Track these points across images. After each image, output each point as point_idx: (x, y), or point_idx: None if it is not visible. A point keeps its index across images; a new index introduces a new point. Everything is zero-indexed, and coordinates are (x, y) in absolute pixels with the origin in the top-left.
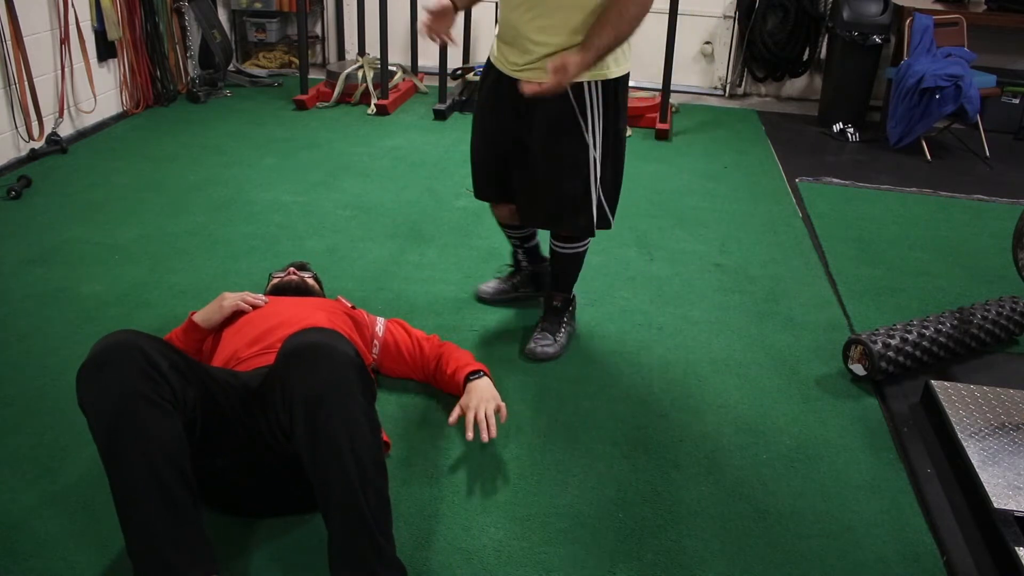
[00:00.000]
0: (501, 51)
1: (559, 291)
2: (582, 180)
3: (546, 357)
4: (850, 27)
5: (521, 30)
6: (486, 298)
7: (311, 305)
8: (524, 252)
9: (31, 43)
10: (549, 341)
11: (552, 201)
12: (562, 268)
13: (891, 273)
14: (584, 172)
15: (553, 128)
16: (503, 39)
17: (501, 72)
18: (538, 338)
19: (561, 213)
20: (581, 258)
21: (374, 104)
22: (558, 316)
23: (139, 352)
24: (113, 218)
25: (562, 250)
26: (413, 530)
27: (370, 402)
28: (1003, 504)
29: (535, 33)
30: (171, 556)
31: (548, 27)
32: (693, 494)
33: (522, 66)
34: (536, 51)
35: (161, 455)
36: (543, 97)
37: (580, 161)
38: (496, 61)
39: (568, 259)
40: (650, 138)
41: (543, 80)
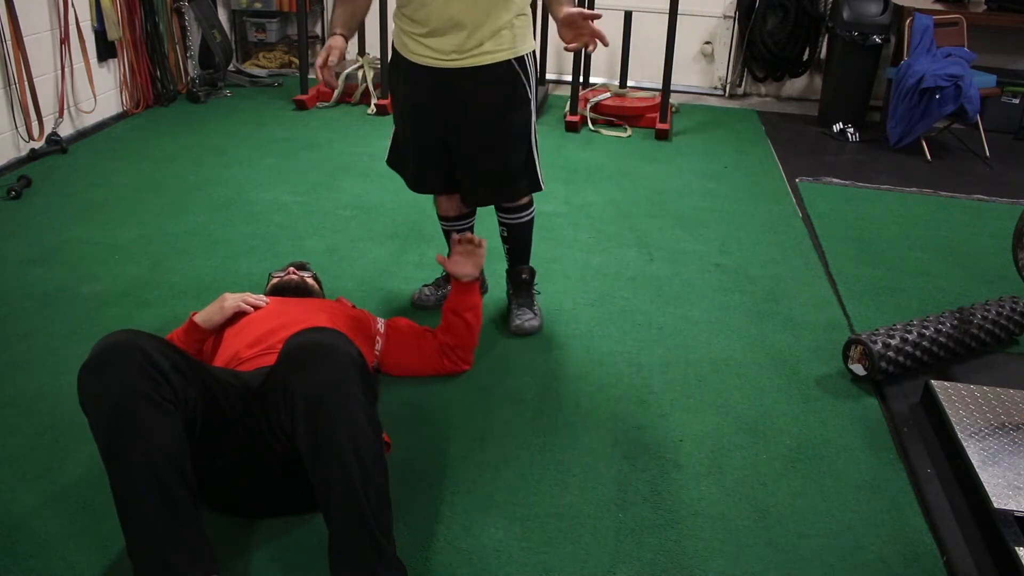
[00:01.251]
0: (426, 44)
1: (522, 263)
2: (527, 145)
3: (533, 330)
4: (850, 27)
5: (462, 20)
6: (429, 304)
7: (313, 306)
8: None
9: (31, 43)
10: (530, 315)
11: (503, 173)
12: (518, 239)
13: (891, 273)
14: (528, 137)
15: (503, 104)
16: (432, 33)
17: (426, 67)
18: (519, 314)
19: (512, 182)
20: (532, 224)
21: (374, 104)
22: (528, 288)
23: (140, 352)
24: (113, 218)
25: (514, 220)
26: (413, 530)
27: (372, 402)
28: (1003, 504)
29: (477, 20)
30: (171, 556)
31: (488, 11)
32: (693, 494)
33: (462, 54)
34: (479, 35)
35: (161, 455)
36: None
37: (527, 127)
38: (417, 57)
39: (522, 228)
40: (650, 138)
41: (481, 63)
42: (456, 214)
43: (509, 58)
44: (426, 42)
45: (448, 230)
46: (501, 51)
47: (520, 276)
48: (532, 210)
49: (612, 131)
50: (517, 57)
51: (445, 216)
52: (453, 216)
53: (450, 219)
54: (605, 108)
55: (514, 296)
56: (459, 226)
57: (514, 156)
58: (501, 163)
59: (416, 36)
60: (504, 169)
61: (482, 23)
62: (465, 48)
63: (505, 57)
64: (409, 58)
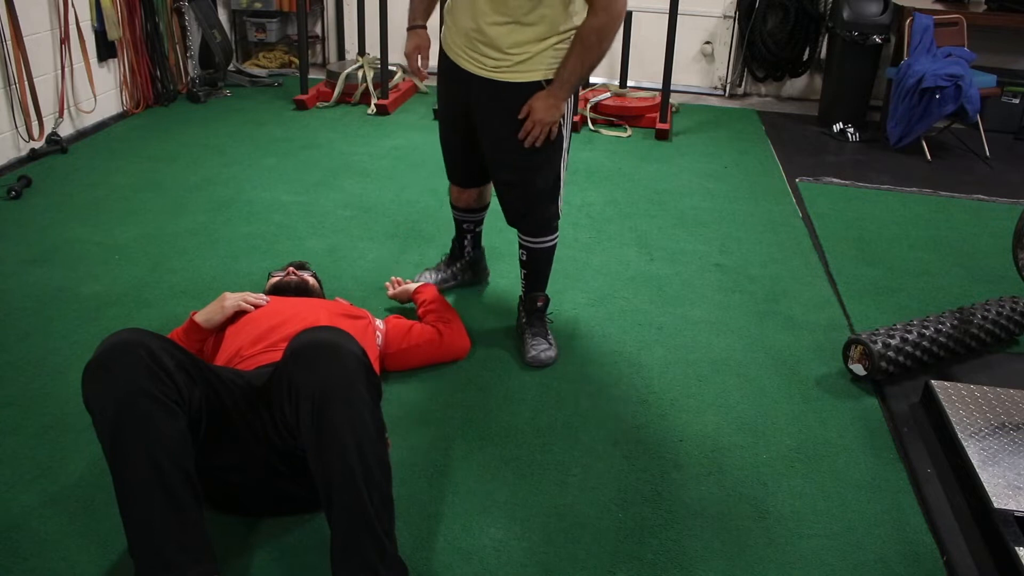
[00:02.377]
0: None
1: (538, 291)
2: (555, 172)
3: (550, 361)
4: (850, 27)
5: (494, 39)
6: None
7: (312, 305)
8: (472, 237)
9: (31, 43)
10: (546, 345)
11: (534, 196)
12: (538, 265)
13: (891, 273)
14: (557, 164)
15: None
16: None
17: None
18: (534, 344)
19: (541, 205)
20: (553, 252)
21: (374, 104)
22: (542, 317)
23: (145, 351)
24: (113, 218)
25: (536, 245)
26: (413, 530)
27: (376, 401)
28: (1003, 504)
29: (509, 47)
30: (172, 555)
31: (520, 40)
32: (693, 494)
33: (493, 68)
34: (512, 58)
35: (165, 454)
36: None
37: (556, 153)
38: (455, 55)
39: (543, 254)
40: (650, 138)
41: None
42: (465, 207)
43: (541, 79)
44: (464, 44)
45: (457, 218)
46: (535, 71)
47: (535, 304)
48: (556, 236)
49: (612, 131)
50: (548, 80)
51: (456, 206)
52: (462, 208)
53: (459, 210)
54: (605, 108)
55: (528, 325)
56: (468, 218)
57: (541, 179)
58: (528, 184)
59: (457, 34)
60: (532, 191)
61: (514, 50)
62: (496, 64)
63: (538, 78)
64: (448, 53)
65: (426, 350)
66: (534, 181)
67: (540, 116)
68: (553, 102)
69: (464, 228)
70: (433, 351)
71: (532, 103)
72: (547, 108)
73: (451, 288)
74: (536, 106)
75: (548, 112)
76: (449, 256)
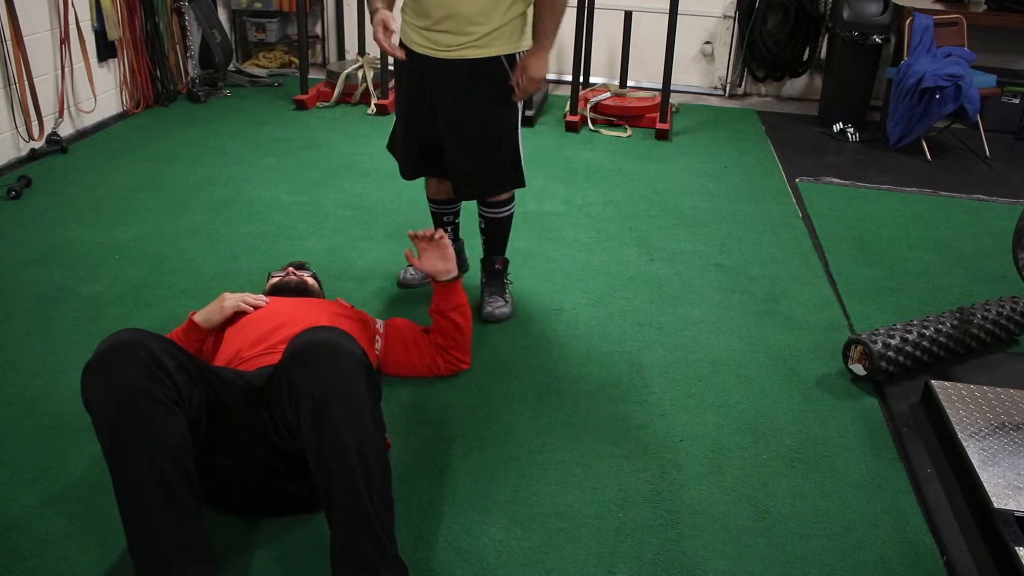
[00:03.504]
0: (426, 36)
1: (497, 254)
2: (513, 142)
3: (504, 317)
4: (850, 27)
5: (462, 14)
6: (414, 284)
7: (313, 305)
8: (452, 230)
9: (31, 43)
10: (501, 303)
11: (490, 167)
12: (497, 233)
13: (891, 273)
14: (514, 134)
15: (491, 99)
16: (433, 26)
17: (425, 56)
18: (490, 301)
19: (500, 176)
20: (511, 219)
21: (374, 104)
22: (501, 278)
23: (145, 351)
24: (113, 218)
25: (495, 215)
26: (413, 530)
27: (376, 401)
28: (1003, 504)
29: (476, 16)
30: (172, 555)
31: (487, 9)
32: (693, 494)
33: (457, 46)
34: (476, 31)
35: (165, 454)
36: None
37: (512, 125)
38: (417, 46)
39: (502, 223)
40: (650, 138)
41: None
42: (445, 198)
43: (500, 55)
44: (426, 34)
45: (436, 212)
46: (494, 47)
47: (494, 266)
48: (512, 206)
49: (612, 131)
50: (508, 55)
51: (434, 199)
52: (442, 200)
53: (439, 202)
54: (605, 108)
55: (486, 284)
56: (446, 210)
57: (499, 151)
58: (485, 157)
59: (418, 28)
60: (488, 163)
61: (482, 19)
62: (461, 41)
63: (496, 53)
64: (411, 47)
65: (422, 372)
66: (498, 154)
67: (534, 73)
68: (543, 55)
69: (444, 221)
70: (428, 373)
71: (525, 62)
72: (538, 64)
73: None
74: (529, 64)
75: (540, 68)
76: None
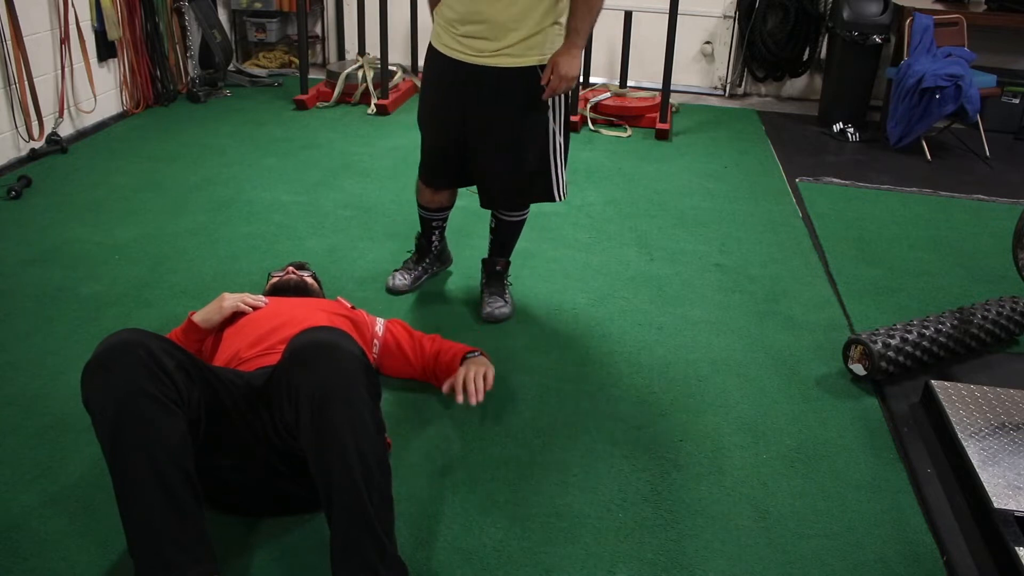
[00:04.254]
0: (460, 41)
1: (502, 256)
2: (542, 152)
3: (504, 317)
4: (850, 27)
5: (495, 20)
6: (405, 290)
7: (312, 306)
8: (439, 232)
9: (31, 43)
10: (501, 303)
11: (516, 178)
12: (508, 236)
13: (891, 273)
14: (544, 145)
15: (521, 107)
16: (467, 32)
17: (457, 60)
18: (490, 302)
19: (526, 187)
20: (524, 224)
21: (374, 104)
22: (502, 279)
23: (145, 351)
24: (113, 218)
25: (510, 218)
26: (413, 530)
27: (375, 401)
28: (1003, 504)
29: (510, 22)
30: (172, 555)
31: (522, 16)
32: (693, 494)
33: (490, 53)
34: (511, 37)
35: (165, 454)
36: (509, 81)
37: (541, 134)
38: (450, 51)
39: (515, 226)
40: (650, 138)
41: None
42: (437, 206)
43: (535, 64)
44: (461, 39)
45: (426, 218)
46: (529, 55)
47: (495, 267)
48: (527, 210)
49: (612, 131)
50: (543, 65)
51: (426, 207)
52: (434, 208)
53: (430, 210)
54: (605, 108)
55: (487, 285)
56: (436, 216)
57: (527, 161)
58: (513, 166)
59: (452, 30)
60: (515, 173)
61: (515, 25)
62: (492, 48)
63: (531, 63)
64: (441, 50)
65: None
66: (526, 163)
67: (564, 71)
68: (575, 53)
69: (433, 226)
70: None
71: (555, 59)
72: (570, 62)
73: (424, 283)
74: (560, 61)
75: (571, 66)
76: (416, 254)
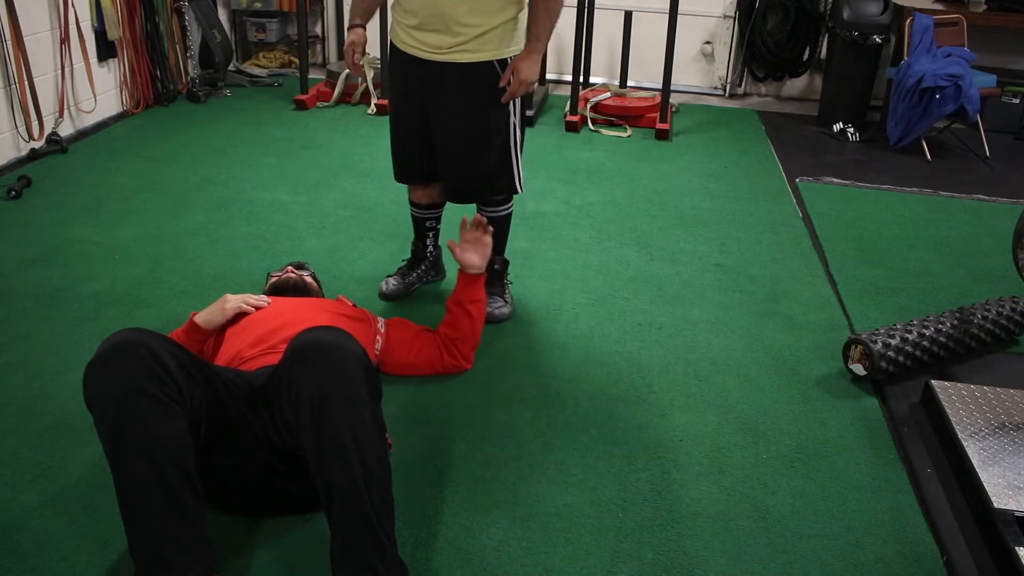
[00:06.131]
0: (415, 37)
1: (497, 254)
2: (503, 146)
3: (504, 318)
4: (850, 27)
5: (449, 14)
6: (397, 296)
7: (313, 305)
8: (433, 235)
9: (31, 43)
10: (501, 303)
11: (480, 172)
12: (497, 232)
13: (891, 273)
14: (505, 138)
15: (481, 103)
16: (420, 26)
17: (416, 57)
18: (490, 302)
19: (490, 181)
20: (510, 219)
21: (374, 104)
22: (501, 279)
23: (147, 350)
24: (113, 218)
25: (491, 214)
26: (413, 530)
27: (376, 401)
28: (1003, 504)
29: (464, 16)
30: (172, 555)
31: (476, 10)
32: (693, 494)
33: (447, 49)
34: (466, 32)
35: (166, 454)
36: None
37: (502, 129)
38: (407, 47)
39: (500, 222)
40: (650, 138)
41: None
42: (428, 203)
43: (492, 59)
44: (415, 34)
45: (418, 217)
46: (485, 51)
47: (493, 266)
48: (510, 205)
49: (612, 131)
50: (500, 59)
51: (417, 204)
52: (425, 204)
53: (421, 207)
54: (605, 108)
55: (487, 285)
56: (429, 215)
57: (489, 156)
58: (475, 161)
59: (407, 27)
60: (478, 168)
61: (467, 22)
62: (450, 44)
63: (488, 58)
64: (400, 47)
65: (423, 369)
66: (488, 157)
67: (525, 76)
68: (535, 58)
69: (427, 227)
70: (430, 371)
71: (516, 64)
72: (530, 67)
73: (416, 290)
74: (520, 67)
75: (531, 71)
76: (411, 260)
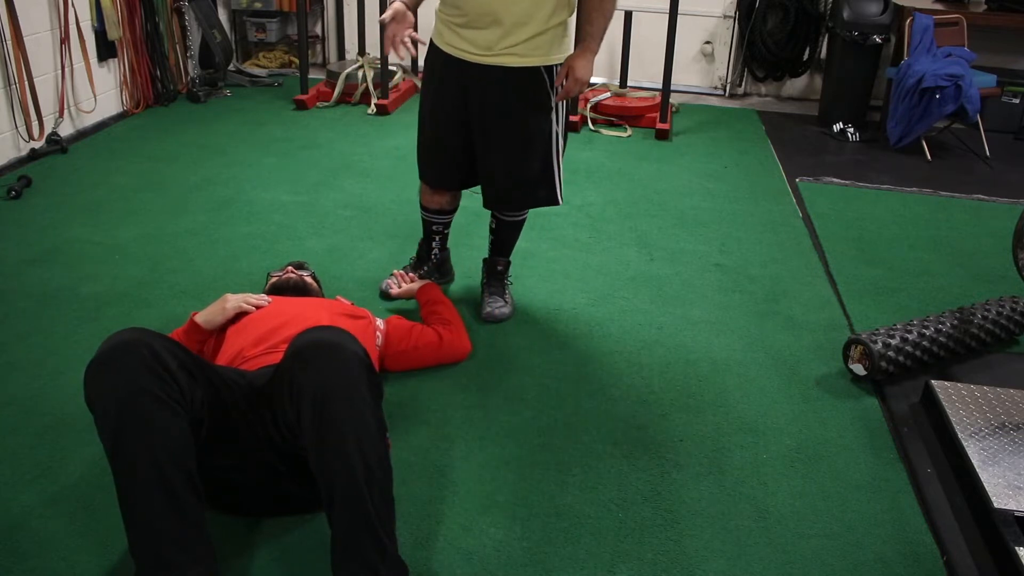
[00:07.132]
0: (462, 35)
1: (502, 256)
2: (545, 155)
3: (504, 317)
4: (850, 27)
5: (500, 16)
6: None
7: (314, 304)
8: (440, 239)
9: (31, 43)
10: (501, 303)
11: (523, 181)
12: (508, 235)
13: (891, 273)
14: (548, 147)
15: (525, 108)
16: (469, 24)
17: (458, 59)
18: (491, 302)
19: (533, 190)
20: (523, 225)
21: (374, 104)
22: (502, 279)
23: (148, 350)
24: (113, 218)
25: (507, 217)
26: (413, 530)
27: (377, 401)
28: (1003, 504)
29: (517, 17)
30: (173, 555)
31: (527, 12)
32: (693, 494)
33: (496, 51)
34: (515, 35)
35: (167, 454)
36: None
37: (545, 136)
38: (451, 48)
39: (515, 226)
40: (650, 138)
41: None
42: (438, 208)
43: (539, 64)
44: (463, 33)
45: (427, 220)
46: (533, 56)
47: (496, 267)
48: (526, 211)
49: (612, 131)
50: (547, 65)
51: (427, 207)
52: (434, 209)
53: (431, 211)
54: (605, 108)
55: (487, 284)
56: (437, 219)
57: (532, 164)
58: (518, 169)
59: (454, 26)
60: (521, 176)
61: (519, 23)
62: (499, 46)
63: (535, 63)
64: (444, 49)
65: (425, 352)
66: (531, 165)
67: (580, 75)
68: (590, 57)
69: (434, 230)
70: (433, 353)
71: (571, 62)
72: (585, 65)
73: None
74: (576, 65)
75: (587, 70)
76: (416, 260)
